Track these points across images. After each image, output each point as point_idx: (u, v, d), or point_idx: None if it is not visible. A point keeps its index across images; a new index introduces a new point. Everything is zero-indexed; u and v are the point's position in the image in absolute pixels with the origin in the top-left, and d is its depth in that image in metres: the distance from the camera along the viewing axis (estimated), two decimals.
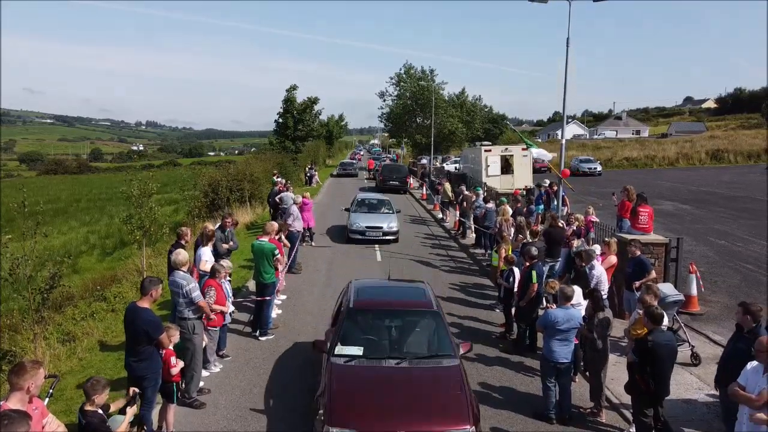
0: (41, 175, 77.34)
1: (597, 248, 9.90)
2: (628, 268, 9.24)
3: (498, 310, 10.75)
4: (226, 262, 8.45)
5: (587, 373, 7.45)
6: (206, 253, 8.72)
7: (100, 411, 4.37)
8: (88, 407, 4.33)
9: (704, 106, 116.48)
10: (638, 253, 9.18)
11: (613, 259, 9.50)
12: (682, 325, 8.68)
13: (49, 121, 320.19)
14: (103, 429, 4.38)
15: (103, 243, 24.24)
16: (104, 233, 26.62)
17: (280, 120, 43.48)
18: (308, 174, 36.98)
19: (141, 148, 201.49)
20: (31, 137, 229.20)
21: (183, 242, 8.82)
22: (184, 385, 6.67)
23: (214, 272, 7.69)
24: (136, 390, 5.10)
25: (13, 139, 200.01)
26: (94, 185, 56.22)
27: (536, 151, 13.59)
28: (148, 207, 13.45)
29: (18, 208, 9.68)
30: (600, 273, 8.80)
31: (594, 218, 12.55)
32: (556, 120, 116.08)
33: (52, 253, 17.59)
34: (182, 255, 6.99)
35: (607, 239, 10.02)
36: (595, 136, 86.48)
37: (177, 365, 5.99)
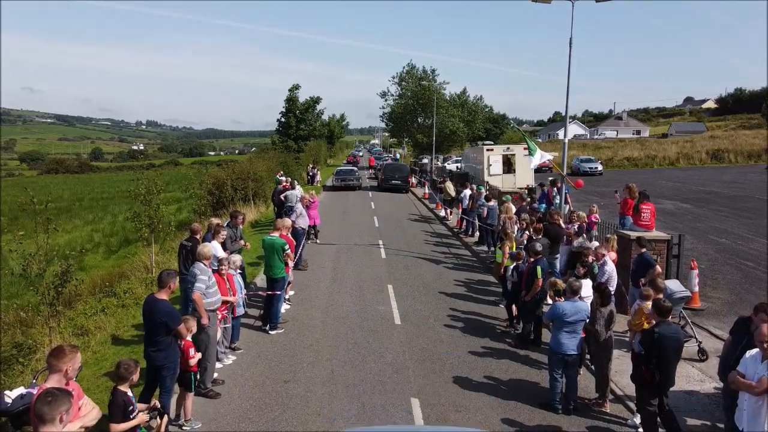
0: (42, 174, 77.57)
1: (595, 244, 10.11)
2: (632, 266, 9.42)
3: (502, 306, 10.91)
4: (236, 257, 8.64)
5: (592, 366, 7.61)
6: (218, 248, 8.89)
7: (131, 393, 4.54)
8: (120, 387, 4.50)
9: (704, 106, 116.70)
10: (643, 250, 9.35)
11: (612, 255, 9.69)
12: (689, 321, 8.80)
13: (49, 120, 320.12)
14: (126, 412, 4.51)
15: (107, 241, 24.43)
16: (108, 231, 26.83)
17: (283, 119, 43.67)
18: (310, 174, 37.24)
19: (141, 147, 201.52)
20: (32, 137, 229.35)
21: (197, 237, 8.99)
22: (199, 375, 6.84)
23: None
24: (158, 403, 5.20)
25: (14, 138, 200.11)
26: (95, 184, 56.50)
27: (537, 157, 13.84)
28: (156, 205, 13.65)
29: (27, 205, 9.86)
30: (611, 269, 9.05)
31: (596, 217, 12.74)
32: (557, 120, 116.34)
33: (59, 250, 17.76)
34: (207, 248, 7.17)
35: (608, 236, 10.26)
36: (596, 136, 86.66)
37: (195, 356, 6.17)
